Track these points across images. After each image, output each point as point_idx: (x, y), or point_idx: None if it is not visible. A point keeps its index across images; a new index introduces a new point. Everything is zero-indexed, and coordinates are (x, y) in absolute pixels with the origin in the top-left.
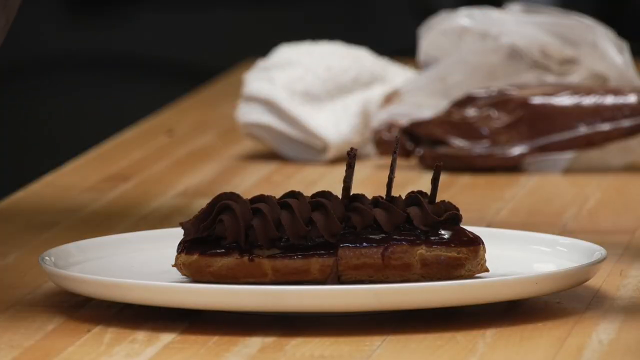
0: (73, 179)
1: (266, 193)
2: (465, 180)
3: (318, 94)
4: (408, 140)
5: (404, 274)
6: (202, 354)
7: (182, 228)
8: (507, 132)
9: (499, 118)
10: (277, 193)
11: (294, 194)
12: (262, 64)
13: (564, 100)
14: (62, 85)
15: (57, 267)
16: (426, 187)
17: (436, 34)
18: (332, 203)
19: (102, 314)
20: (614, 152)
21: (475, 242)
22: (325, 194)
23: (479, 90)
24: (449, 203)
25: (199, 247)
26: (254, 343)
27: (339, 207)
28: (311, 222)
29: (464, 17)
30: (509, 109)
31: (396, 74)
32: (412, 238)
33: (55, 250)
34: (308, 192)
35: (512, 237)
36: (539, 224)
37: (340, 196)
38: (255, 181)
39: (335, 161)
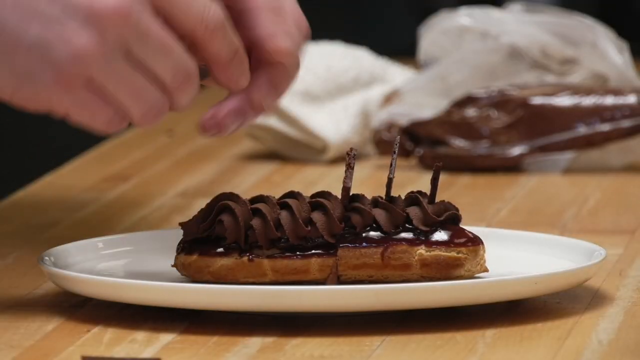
0: (73, 179)
1: (266, 193)
2: (465, 181)
3: (318, 94)
4: (408, 140)
5: (404, 274)
6: (202, 354)
7: (182, 228)
8: (507, 132)
9: (499, 118)
10: (277, 193)
11: (293, 194)
12: None
13: (564, 100)
14: None
15: (56, 267)
16: (426, 187)
17: (436, 33)
18: (331, 203)
19: (102, 314)
20: (614, 152)
21: (475, 242)
22: (324, 194)
23: (479, 91)
24: (449, 203)
25: (198, 248)
26: (254, 343)
27: (339, 207)
28: (311, 222)
29: (465, 17)
30: (509, 109)
31: (396, 74)
32: (411, 238)
33: (55, 250)
34: (308, 192)
35: (512, 237)
36: (538, 224)
37: (339, 196)
38: (255, 181)
39: (335, 161)
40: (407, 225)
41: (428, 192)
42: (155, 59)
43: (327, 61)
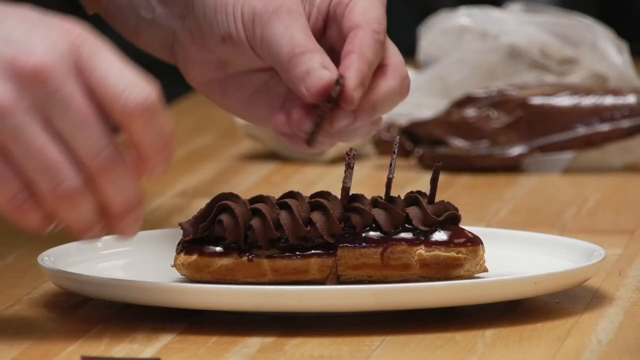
0: None
1: (266, 193)
2: (464, 181)
3: None
4: (407, 140)
5: (403, 274)
6: (202, 354)
7: (182, 228)
8: (507, 132)
9: (499, 118)
10: (277, 193)
11: (293, 194)
12: None
13: (564, 100)
14: None
15: (56, 267)
16: (425, 187)
17: (436, 33)
18: (331, 203)
19: (102, 314)
20: (613, 153)
21: (474, 242)
22: (324, 194)
23: (479, 91)
24: (448, 203)
25: (198, 247)
26: (254, 343)
27: (338, 207)
28: (310, 222)
29: (464, 17)
30: (509, 109)
31: None
32: (411, 238)
33: (54, 250)
34: (308, 192)
35: (512, 237)
36: (538, 224)
37: (339, 196)
38: (255, 181)
39: (334, 161)
40: (406, 225)
41: (428, 192)
42: (74, 132)
43: None
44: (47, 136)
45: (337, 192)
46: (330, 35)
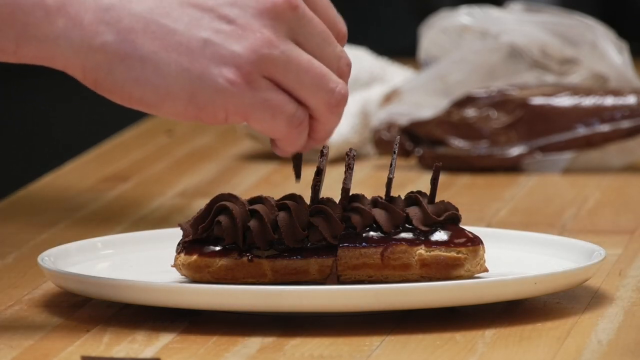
0: (72, 179)
1: (265, 193)
2: (464, 181)
3: None
4: (407, 140)
5: (404, 274)
6: (202, 354)
7: (181, 229)
8: (507, 132)
9: (499, 118)
10: (277, 193)
11: (294, 197)
12: None
13: (564, 100)
14: (61, 85)
15: (56, 267)
16: (425, 187)
17: (436, 32)
18: (330, 206)
19: (102, 314)
20: (613, 153)
21: (474, 242)
22: (322, 201)
23: (479, 91)
24: (449, 203)
25: (198, 248)
26: (254, 343)
27: (337, 209)
28: (310, 225)
29: (465, 16)
30: (509, 109)
31: (395, 73)
32: (411, 238)
33: (54, 250)
34: (307, 192)
35: (512, 237)
36: (538, 224)
37: (340, 195)
38: (255, 181)
39: (334, 161)
40: (406, 225)
41: (428, 192)
42: (321, 47)
43: None
44: (307, 54)
45: (337, 192)
46: None
